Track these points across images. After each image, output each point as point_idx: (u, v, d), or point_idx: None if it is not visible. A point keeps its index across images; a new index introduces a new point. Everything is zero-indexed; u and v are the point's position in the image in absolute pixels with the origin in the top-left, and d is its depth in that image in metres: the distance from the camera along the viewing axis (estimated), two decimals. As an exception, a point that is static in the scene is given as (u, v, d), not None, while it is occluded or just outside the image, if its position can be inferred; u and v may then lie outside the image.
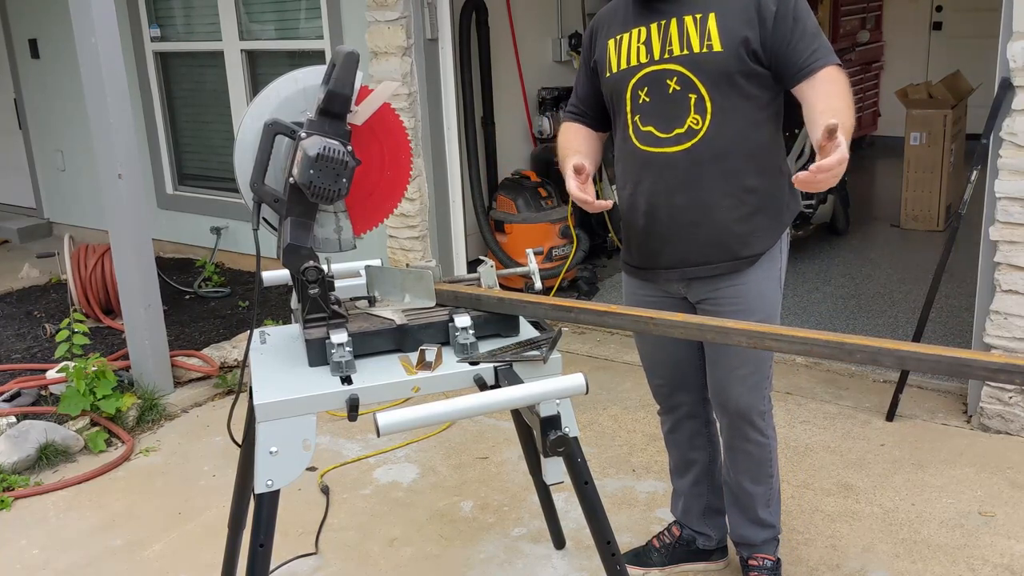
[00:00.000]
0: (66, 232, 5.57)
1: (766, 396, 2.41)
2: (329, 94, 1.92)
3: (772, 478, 2.50)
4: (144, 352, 3.94)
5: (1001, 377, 1.60)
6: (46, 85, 6.52)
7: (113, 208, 3.83)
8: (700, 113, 2.15)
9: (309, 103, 1.99)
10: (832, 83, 2.06)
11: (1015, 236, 3.20)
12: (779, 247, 2.31)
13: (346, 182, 1.93)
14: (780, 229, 2.30)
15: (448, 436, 3.59)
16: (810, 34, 2.09)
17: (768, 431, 2.45)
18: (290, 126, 1.96)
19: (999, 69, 3.20)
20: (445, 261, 4.77)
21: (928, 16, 8.44)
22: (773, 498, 2.52)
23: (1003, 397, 3.36)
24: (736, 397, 2.38)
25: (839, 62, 2.09)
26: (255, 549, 1.92)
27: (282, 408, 1.85)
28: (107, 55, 3.66)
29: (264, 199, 1.98)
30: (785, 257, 2.35)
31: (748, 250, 2.24)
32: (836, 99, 2.02)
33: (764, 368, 2.36)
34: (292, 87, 2.02)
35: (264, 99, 2.02)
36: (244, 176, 2.00)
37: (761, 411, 2.40)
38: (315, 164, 1.89)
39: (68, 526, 3.13)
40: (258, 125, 1.97)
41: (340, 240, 2.08)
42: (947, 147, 5.79)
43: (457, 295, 2.11)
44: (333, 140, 1.92)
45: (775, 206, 2.26)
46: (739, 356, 2.34)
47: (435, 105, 4.61)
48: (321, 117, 1.94)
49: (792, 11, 2.09)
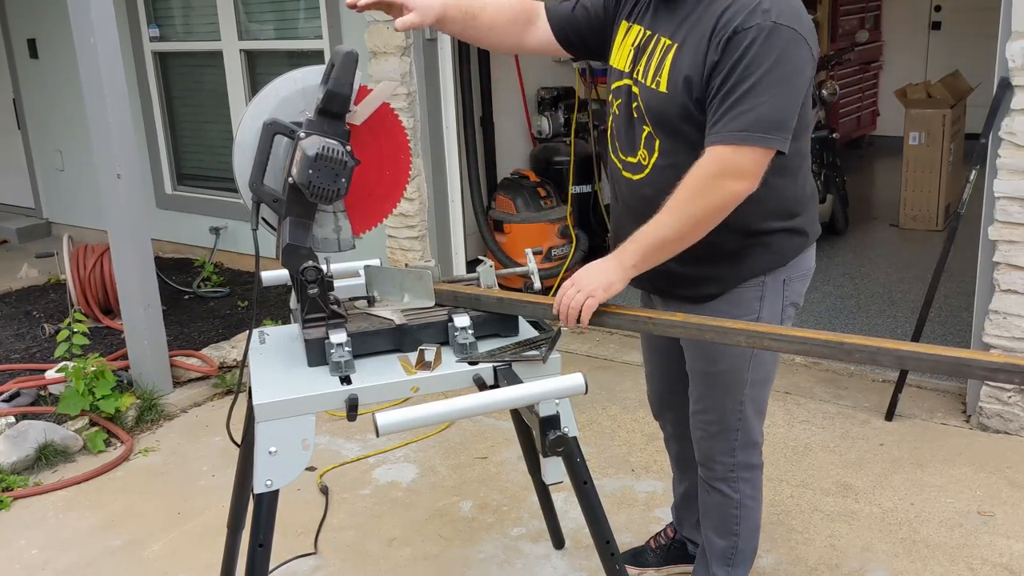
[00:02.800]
0: (65, 232, 5.56)
1: (737, 451, 2.20)
2: (328, 94, 1.92)
3: (736, 536, 2.30)
4: (143, 352, 3.94)
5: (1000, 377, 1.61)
6: (45, 85, 6.51)
7: (112, 208, 3.83)
8: (648, 149, 1.98)
9: (308, 103, 1.99)
10: (689, 176, 1.81)
11: (1014, 236, 3.20)
12: (753, 294, 2.05)
13: (345, 182, 1.93)
14: (741, 277, 2.04)
15: (447, 436, 3.59)
16: (734, 97, 1.77)
17: (739, 488, 2.25)
18: (289, 126, 1.96)
19: (998, 69, 3.20)
20: (444, 261, 4.77)
21: (927, 16, 8.44)
22: (736, 559, 2.34)
23: (1002, 397, 3.36)
24: (697, 439, 2.26)
25: (738, 138, 1.77)
26: (254, 549, 1.92)
27: (281, 408, 1.85)
28: (106, 55, 3.66)
29: (263, 199, 1.98)
30: (771, 305, 2.07)
31: (697, 291, 2.06)
32: (666, 206, 1.83)
33: (728, 420, 2.17)
34: (291, 87, 2.02)
35: (263, 99, 2.01)
36: (243, 176, 2.00)
37: (726, 463, 2.22)
38: (314, 164, 1.89)
39: (67, 526, 3.13)
40: (257, 125, 1.97)
41: (339, 240, 2.07)
42: (946, 147, 5.79)
43: (456, 295, 2.11)
44: (332, 140, 1.92)
45: (730, 259, 2.01)
46: (700, 399, 2.19)
47: (434, 105, 4.61)
48: (320, 117, 1.94)
49: (732, 64, 1.77)
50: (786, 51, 1.77)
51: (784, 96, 1.78)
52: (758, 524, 2.35)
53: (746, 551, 2.35)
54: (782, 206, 2.01)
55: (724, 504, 2.28)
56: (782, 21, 1.77)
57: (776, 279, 2.06)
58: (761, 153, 1.79)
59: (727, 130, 1.78)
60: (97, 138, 3.76)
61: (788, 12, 1.80)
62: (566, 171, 5.38)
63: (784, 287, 2.08)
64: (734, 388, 2.14)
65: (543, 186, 5.18)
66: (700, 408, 2.21)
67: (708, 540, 2.36)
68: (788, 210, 2.03)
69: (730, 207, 1.83)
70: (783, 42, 1.76)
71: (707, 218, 1.83)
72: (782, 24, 1.77)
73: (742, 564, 2.36)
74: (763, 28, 1.76)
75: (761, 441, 2.26)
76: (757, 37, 1.76)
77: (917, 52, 8.46)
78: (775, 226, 2.02)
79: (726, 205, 1.82)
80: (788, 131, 1.80)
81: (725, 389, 2.15)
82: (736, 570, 2.36)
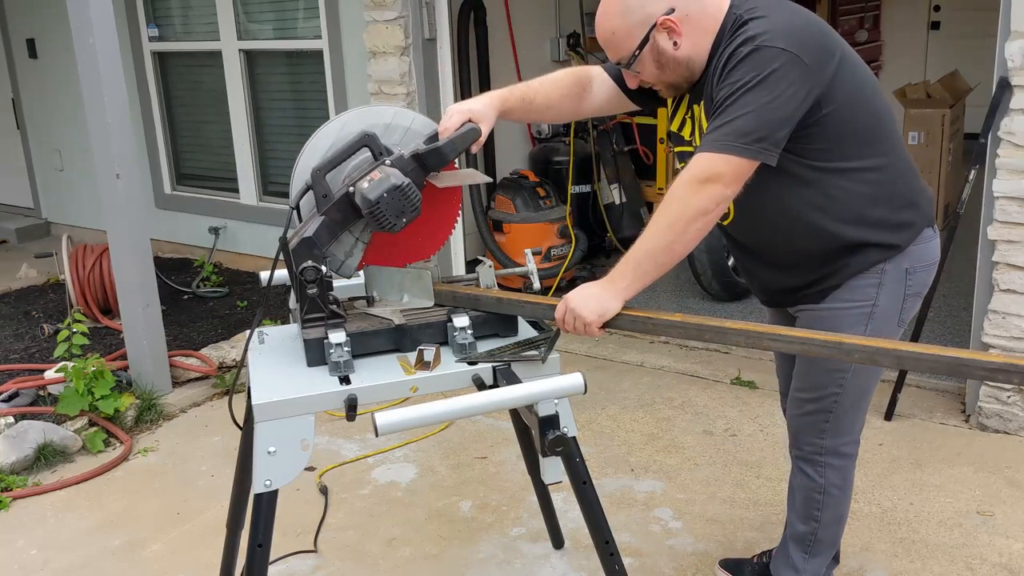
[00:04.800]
0: (64, 232, 5.56)
1: (827, 434, 2.24)
2: (436, 149, 2.05)
3: (817, 523, 2.32)
4: (142, 352, 3.93)
5: (999, 376, 1.61)
6: (44, 85, 6.51)
7: (111, 208, 3.83)
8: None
9: (405, 143, 2.11)
10: (671, 186, 1.91)
11: (1013, 235, 3.20)
12: (871, 281, 2.07)
13: (404, 222, 2.01)
14: (857, 269, 2.07)
15: (447, 436, 3.59)
16: (718, 113, 1.88)
17: (824, 474, 2.27)
18: (383, 147, 2.06)
19: (997, 68, 3.20)
20: (443, 261, 4.77)
21: (926, 15, 8.44)
22: (815, 548, 2.35)
23: (1001, 396, 3.36)
24: (790, 415, 2.31)
25: (716, 146, 1.85)
26: (253, 549, 1.92)
27: (280, 408, 1.85)
28: (105, 55, 3.65)
29: (317, 189, 2.04)
30: (891, 293, 2.08)
31: (819, 288, 2.12)
32: (650, 220, 1.91)
33: (825, 402, 2.20)
34: (403, 120, 2.15)
35: (375, 113, 2.13)
36: (311, 159, 2.07)
37: (814, 445, 2.26)
38: (392, 192, 1.96)
39: (66, 526, 3.13)
40: (356, 128, 2.07)
41: (344, 264, 2.12)
42: (945, 146, 5.79)
43: (456, 295, 2.11)
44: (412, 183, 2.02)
45: (832, 263, 2.07)
46: (800, 376, 2.24)
47: (433, 105, 4.61)
48: (412, 160, 2.05)
49: (720, 91, 1.89)
50: (769, 68, 1.83)
51: (765, 110, 1.83)
52: (842, 515, 2.35)
53: (825, 541, 2.35)
54: (858, 211, 2.03)
55: (808, 487, 2.30)
56: (768, 43, 1.84)
57: (898, 267, 2.07)
58: (738, 162, 1.84)
59: (707, 140, 1.88)
60: (96, 138, 3.76)
61: (776, 32, 1.86)
62: (565, 171, 5.39)
63: (907, 276, 2.09)
64: (836, 371, 2.16)
65: (542, 186, 5.18)
66: (798, 385, 2.25)
67: (790, 522, 2.39)
68: (869, 209, 2.03)
69: (711, 211, 1.87)
70: (766, 61, 1.84)
71: (688, 223, 1.86)
72: (768, 46, 1.84)
73: (820, 554, 2.37)
74: (745, 52, 1.86)
75: (856, 432, 2.28)
76: (741, 61, 1.86)
77: (916, 52, 8.46)
78: (857, 231, 2.04)
79: (705, 209, 1.86)
80: (770, 142, 1.85)
81: (827, 370, 2.17)
82: (814, 560, 2.37)
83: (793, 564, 2.39)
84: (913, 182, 2.11)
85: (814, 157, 1.96)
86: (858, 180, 2.01)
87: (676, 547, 2.84)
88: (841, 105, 1.92)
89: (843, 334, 1.83)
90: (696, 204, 1.85)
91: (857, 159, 1.99)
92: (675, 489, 3.15)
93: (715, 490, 3.13)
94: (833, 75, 1.89)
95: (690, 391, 3.88)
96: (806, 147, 1.94)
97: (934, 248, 2.15)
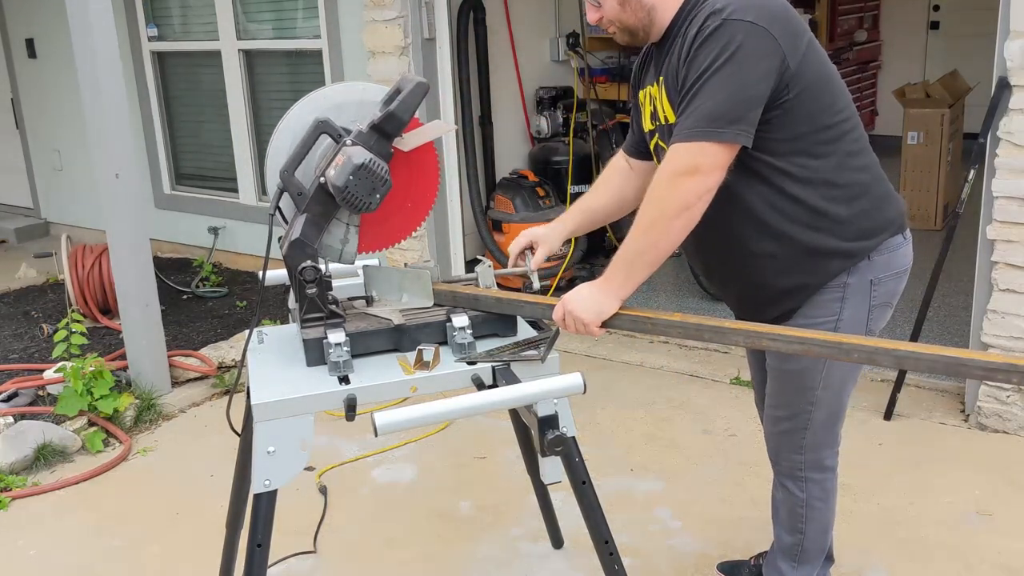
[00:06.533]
0: (63, 232, 5.56)
1: (805, 450, 2.20)
2: (388, 114, 1.98)
3: (802, 535, 2.31)
4: (142, 352, 3.93)
5: (998, 376, 1.61)
6: (43, 85, 6.51)
7: (110, 208, 3.82)
8: None
9: (362, 116, 2.05)
10: (652, 181, 1.85)
11: (1012, 235, 3.20)
12: (833, 296, 2.01)
13: (379, 198, 1.98)
14: (819, 283, 2.01)
15: (446, 436, 3.59)
16: (688, 97, 1.81)
17: (806, 488, 2.25)
18: (339, 129, 2.01)
19: (996, 68, 3.20)
20: (443, 261, 4.77)
21: (926, 15, 8.44)
22: (802, 557, 2.34)
23: (1001, 396, 3.36)
24: (767, 434, 2.29)
25: (691, 135, 1.79)
26: (253, 549, 1.92)
27: (280, 408, 1.85)
28: (104, 55, 3.65)
29: (289, 189, 2.02)
30: (855, 307, 2.02)
31: (781, 307, 2.05)
32: (638, 217, 1.86)
33: (799, 420, 2.16)
34: (351, 95, 2.08)
35: (321, 96, 2.07)
36: (277, 159, 2.04)
37: (794, 461, 2.23)
38: (357, 172, 1.93)
39: (65, 526, 3.13)
40: (308, 118, 2.02)
41: (343, 252, 2.10)
42: (945, 146, 5.79)
43: (455, 295, 2.11)
44: (377, 156, 1.97)
45: (803, 262, 1.99)
46: (773, 395, 2.21)
47: (432, 105, 4.60)
48: (371, 132, 2.00)
49: (688, 70, 1.82)
50: (736, 43, 1.77)
51: (737, 89, 1.78)
52: (826, 525, 2.33)
53: (812, 550, 2.34)
54: (815, 213, 1.95)
55: (791, 502, 2.29)
56: (735, 16, 1.78)
57: (861, 279, 2.00)
58: (716, 147, 1.78)
59: (681, 128, 1.81)
60: (95, 138, 3.76)
61: (744, 5, 1.79)
62: (565, 171, 5.38)
63: (872, 288, 2.02)
64: (806, 389, 2.13)
65: (542, 186, 5.18)
66: (772, 403, 2.23)
67: (777, 534, 2.38)
68: (826, 213, 1.95)
69: (695, 204, 1.81)
70: (732, 35, 1.77)
71: (672, 219, 1.82)
72: (733, 19, 1.78)
73: (808, 563, 2.35)
74: (711, 27, 1.79)
75: (836, 443, 2.25)
76: (708, 38, 1.79)
77: (915, 52, 8.46)
78: (816, 236, 1.96)
79: (687, 203, 1.81)
80: (744, 123, 1.79)
81: (797, 389, 2.14)
82: (802, 568, 2.36)
83: (782, 573, 2.38)
84: (879, 188, 2.02)
85: (773, 151, 1.89)
86: (818, 182, 1.93)
87: (675, 547, 2.84)
88: (806, 90, 1.84)
89: (842, 335, 1.83)
90: (677, 200, 1.80)
91: (819, 157, 1.91)
92: (674, 489, 3.15)
93: (715, 490, 3.13)
94: (803, 56, 1.83)
95: (690, 391, 3.88)
96: (766, 137, 1.85)
97: (902, 256, 2.06)
